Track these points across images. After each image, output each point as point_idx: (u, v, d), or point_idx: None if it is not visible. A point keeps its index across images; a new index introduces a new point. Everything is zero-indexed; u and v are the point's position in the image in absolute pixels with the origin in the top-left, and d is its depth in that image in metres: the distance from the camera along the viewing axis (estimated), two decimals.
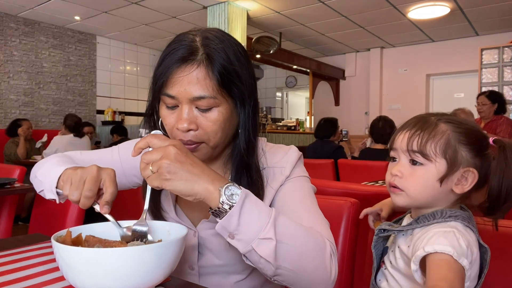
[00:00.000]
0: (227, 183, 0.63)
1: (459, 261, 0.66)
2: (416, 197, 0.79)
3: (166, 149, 0.61)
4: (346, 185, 1.53)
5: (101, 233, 0.68)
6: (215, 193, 0.62)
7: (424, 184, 0.78)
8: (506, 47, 5.11)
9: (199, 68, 0.72)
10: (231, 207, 0.61)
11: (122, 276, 0.55)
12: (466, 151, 0.76)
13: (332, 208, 1.12)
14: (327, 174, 3.27)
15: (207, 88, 0.72)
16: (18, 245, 0.88)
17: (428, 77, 6.97)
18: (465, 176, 0.77)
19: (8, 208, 2.13)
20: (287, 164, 0.83)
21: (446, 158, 0.76)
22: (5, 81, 5.39)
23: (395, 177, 0.80)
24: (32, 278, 0.68)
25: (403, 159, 0.80)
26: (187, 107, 0.73)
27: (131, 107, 6.94)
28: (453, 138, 0.76)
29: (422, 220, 0.79)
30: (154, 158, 0.61)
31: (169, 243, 0.59)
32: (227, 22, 4.88)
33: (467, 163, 0.76)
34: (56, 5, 5.02)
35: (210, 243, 0.82)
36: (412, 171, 0.79)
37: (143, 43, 6.94)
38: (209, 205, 0.63)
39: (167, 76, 0.73)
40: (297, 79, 8.92)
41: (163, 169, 0.60)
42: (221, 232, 0.63)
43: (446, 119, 0.79)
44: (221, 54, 0.73)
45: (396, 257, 0.82)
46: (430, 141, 0.76)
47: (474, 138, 0.77)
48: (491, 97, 3.75)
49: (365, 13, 5.31)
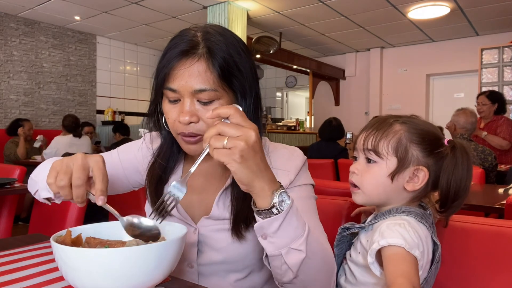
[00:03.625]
0: (281, 189, 0.65)
1: (412, 252, 0.70)
2: (370, 193, 0.83)
3: (248, 131, 0.60)
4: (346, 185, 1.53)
5: (101, 233, 0.68)
6: (268, 195, 0.63)
7: (377, 180, 0.82)
8: (506, 47, 5.11)
9: (199, 61, 0.73)
10: (278, 212, 0.63)
11: (121, 276, 0.55)
12: (417, 150, 0.80)
13: (332, 208, 1.12)
14: (327, 174, 3.27)
15: (207, 81, 0.72)
16: (18, 245, 0.88)
17: (428, 77, 6.97)
18: (417, 174, 0.80)
19: (8, 208, 2.12)
20: (292, 169, 0.82)
21: (397, 156, 0.80)
22: (5, 81, 5.40)
23: (352, 174, 0.85)
24: (32, 278, 0.68)
25: (360, 158, 0.85)
26: (189, 100, 0.73)
27: (131, 107, 6.94)
28: (405, 138, 0.80)
29: (379, 216, 0.83)
30: (233, 134, 0.59)
31: (169, 243, 0.59)
32: (227, 22, 4.88)
33: (418, 161, 0.80)
34: (56, 5, 5.02)
35: (210, 240, 0.82)
36: (367, 168, 0.83)
37: (143, 43, 6.94)
38: (257, 203, 0.64)
39: (169, 69, 0.74)
40: (297, 79, 8.92)
41: (238, 150, 0.58)
42: (257, 230, 0.66)
43: (403, 121, 0.83)
44: (222, 47, 0.74)
45: (357, 251, 0.85)
46: (383, 139, 0.81)
47: (426, 138, 0.81)
48: (491, 97, 3.74)
49: (365, 13, 5.31)
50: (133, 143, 0.97)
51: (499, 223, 0.86)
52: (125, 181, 0.93)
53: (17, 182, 2.14)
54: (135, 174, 0.93)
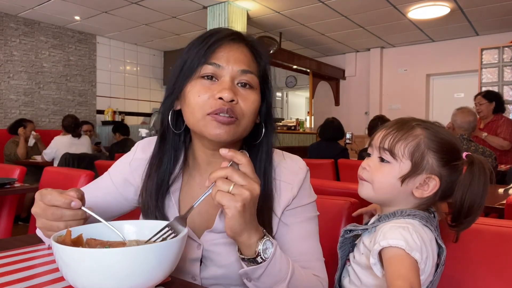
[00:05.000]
0: (265, 237, 0.67)
1: (411, 254, 0.69)
2: (377, 190, 0.82)
3: (254, 184, 0.63)
4: (346, 185, 1.53)
5: (102, 233, 0.68)
6: (253, 243, 0.66)
7: (386, 180, 0.81)
8: (506, 47, 5.11)
9: (247, 49, 0.78)
10: (263, 260, 0.66)
11: (122, 276, 0.55)
12: (434, 158, 0.78)
13: (332, 208, 1.12)
14: (327, 174, 3.27)
15: (252, 66, 0.77)
16: (18, 245, 0.88)
17: (428, 77, 6.97)
18: (427, 182, 0.79)
19: (8, 208, 2.12)
20: (295, 182, 0.82)
21: (412, 161, 0.78)
22: (5, 81, 5.39)
23: (363, 170, 0.84)
24: (32, 279, 0.68)
25: (374, 155, 0.84)
26: (230, 80, 0.74)
27: (131, 107, 6.94)
28: (424, 143, 0.78)
29: (384, 218, 0.82)
30: (240, 182, 0.62)
31: (169, 243, 0.59)
32: (227, 22, 4.87)
33: (432, 170, 0.78)
34: (56, 5, 5.02)
35: (214, 255, 0.80)
36: (379, 166, 0.82)
37: (143, 43, 6.94)
38: (242, 251, 0.68)
39: (215, 47, 0.75)
40: (297, 79, 8.92)
41: (241, 198, 0.61)
42: (242, 275, 0.70)
43: (425, 126, 0.81)
44: (263, 48, 0.82)
45: (360, 253, 0.85)
46: (401, 141, 0.79)
47: (445, 148, 0.79)
48: (488, 96, 3.74)
49: (365, 13, 5.31)
50: (123, 159, 0.92)
51: (499, 223, 0.86)
52: (124, 202, 0.89)
53: (17, 182, 2.14)
54: (132, 193, 0.89)
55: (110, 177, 0.90)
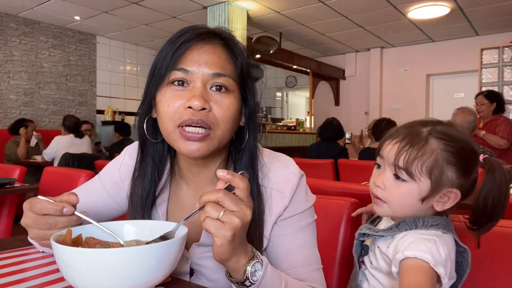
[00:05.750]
0: (254, 259, 0.64)
1: (435, 269, 0.68)
2: (397, 209, 0.79)
3: (246, 210, 0.59)
4: (346, 185, 1.53)
5: (101, 234, 0.68)
6: (242, 266, 0.62)
7: (405, 201, 0.77)
8: (506, 47, 5.11)
9: (220, 48, 0.70)
10: (251, 284, 0.63)
11: (122, 276, 0.55)
12: (453, 171, 0.75)
13: (332, 208, 1.12)
14: (327, 174, 3.26)
15: (227, 68, 0.69)
16: (18, 245, 0.88)
17: (428, 77, 6.97)
18: (448, 195, 0.77)
19: (8, 208, 2.12)
20: (287, 190, 0.76)
21: (431, 179, 0.75)
22: (5, 81, 5.39)
23: (378, 188, 0.80)
24: (33, 279, 0.68)
25: (388, 172, 0.79)
26: (202, 85, 0.67)
27: (131, 107, 6.94)
28: (441, 158, 0.75)
29: (403, 226, 0.79)
30: (231, 208, 0.57)
31: (169, 243, 0.59)
32: (227, 22, 4.87)
33: (452, 183, 0.75)
34: (56, 5, 5.02)
35: (203, 269, 0.78)
36: (395, 185, 0.78)
37: (143, 43, 6.94)
38: (231, 274, 0.64)
39: (183, 50, 0.68)
40: (297, 79, 8.92)
41: (231, 227, 0.57)
42: None
43: (439, 134, 0.76)
44: (240, 45, 0.73)
45: (376, 258, 0.83)
46: (418, 160, 0.74)
47: (464, 158, 0.76)
48: (489, 97, 3.74)
49: (365, 13, 5.31)
50: (112, 164, 0.89)
51: (499, 223, 0.85)
52: (115, 206, 0.87)
53: (17, 182, 2.14)
54: (123, 197, 0.86)
55: (101, 181, 0.88)
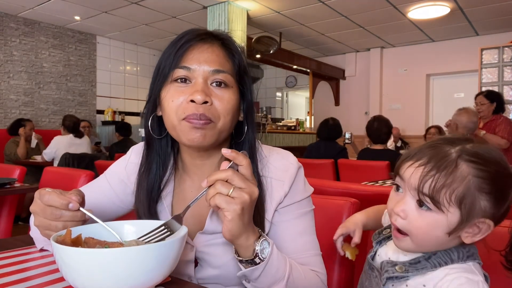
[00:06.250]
0: (262, 237, 0.68)
1: None
2: (421, 244, 0.68)
3: (253, 187, 0.63)
4: (346, 185, 1.53)
5: (100, 234, 0.68)
6: (251, 244, 0.66)
7: (431, 233, 0.66)
8: (506, 47, 5.11)
9: (218, 47, 0.77)
10: (261, 261, 0.66)
11: (122, 276, 0.55)
12: (486, 200, 0.64)
13: (332, 208, 1.12)
14: (327, 174, 3.27)
15: (225, 65, 0.76)
16: (18, 245, 0.88)
17: (428, 77, 6.97)
18: (478, 225, 0.65)
19: (8, 208, 2.12)
20: (286, 179, 0.80)
21: (461, 209, 0.63)
22: (5, 81, 5.40)
23: (397, 217, 0.69)
24: (33, 279, 0.68)
25: (409, 197, 0.67)
26: (203, 81, 0.74)
27: (131, 107, 6.94)
28: (474, 186, 0.63)
29: (436, 261, 0.68)
30: (240, 185, 0.62)
31: (169, 243, 0.59)
32: (227, 22, 4.88)
33: (484, 214, 0.64)
34: (56, 5, 5.02)
35: (207, 256, 0.80)
36: (418, 214, 0.66)
37: (143, 43, 6.94)
38: (239, 253, 0.67)
39: (185, 49, 0.75)
40: (297, 79, 8.92)
41: (241, 201, 0.61)
42: (240, 277, 0.70)
43: (470, 157, 0.64)
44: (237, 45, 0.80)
45: None
46: (446, 188, 0.63)
47: (499, 184, 0.64)
48: (490, 97, 3.74)
49: (365, 13, 5.31)
50: (119, 163, 0.93)
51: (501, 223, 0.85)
52: (120, 204, 0.90)
53: (17, 182, 2.14)
54: (129, 195, 0.89)
55: (107, 180, 0.91)
